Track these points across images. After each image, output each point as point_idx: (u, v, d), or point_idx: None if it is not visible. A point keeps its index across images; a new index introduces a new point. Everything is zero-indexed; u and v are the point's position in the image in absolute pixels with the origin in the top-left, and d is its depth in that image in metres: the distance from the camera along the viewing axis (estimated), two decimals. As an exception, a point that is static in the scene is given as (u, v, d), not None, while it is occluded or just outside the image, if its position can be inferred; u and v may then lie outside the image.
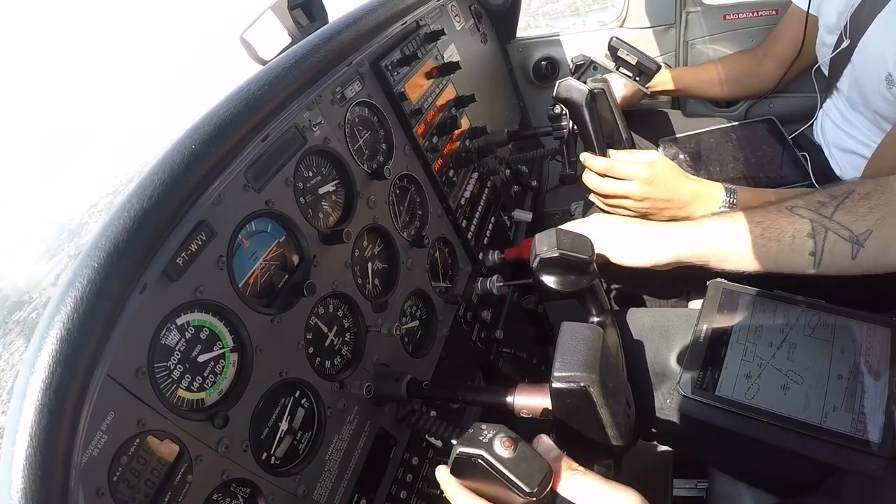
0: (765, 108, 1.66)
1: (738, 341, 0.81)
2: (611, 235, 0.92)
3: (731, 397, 0.76)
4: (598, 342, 0.63)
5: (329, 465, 0.76)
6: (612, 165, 1.09)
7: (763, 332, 0.82)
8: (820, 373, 0.76)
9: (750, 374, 0.78)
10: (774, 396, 0.75)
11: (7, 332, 10.42)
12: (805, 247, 0.83)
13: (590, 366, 0.61)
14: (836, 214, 0.82)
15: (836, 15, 1.20)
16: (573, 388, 0.60)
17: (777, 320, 0.82)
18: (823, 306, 0.83)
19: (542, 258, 0.76)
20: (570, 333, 0.65)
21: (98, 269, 0.53)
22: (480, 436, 0.51)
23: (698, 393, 0.77)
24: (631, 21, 1.74)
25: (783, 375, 0.77)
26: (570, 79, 1.06)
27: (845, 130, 1.26)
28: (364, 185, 0.90)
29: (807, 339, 0.80)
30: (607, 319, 0.84)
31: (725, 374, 0.78)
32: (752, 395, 0.76)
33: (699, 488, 1.19)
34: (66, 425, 0.48)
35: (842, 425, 0.71)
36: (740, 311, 0.85)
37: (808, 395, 0.74)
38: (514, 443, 0.49)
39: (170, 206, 0.59)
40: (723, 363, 0.79)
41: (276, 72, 0.76)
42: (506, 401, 0.73)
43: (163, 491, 0.57)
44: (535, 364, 1.27)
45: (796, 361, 0.78)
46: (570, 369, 0.61)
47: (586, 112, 1.04)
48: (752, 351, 0.80)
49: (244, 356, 0.68)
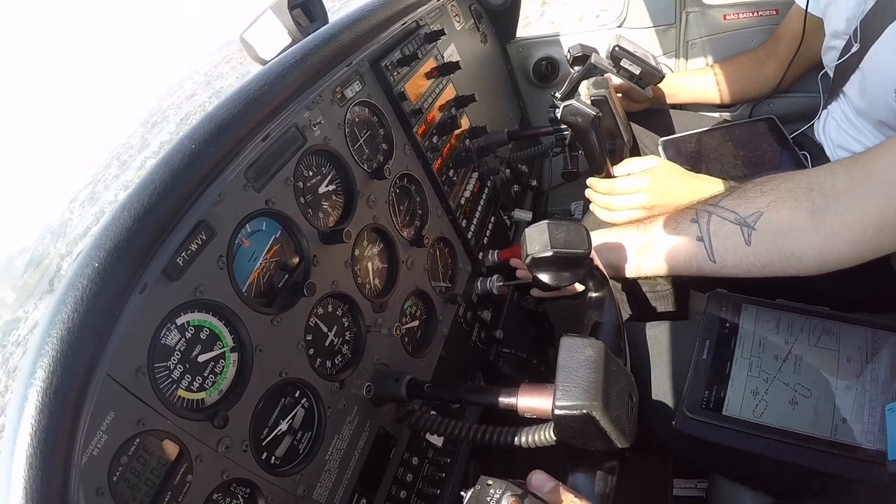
0: (765, 107, 1.66)
1: (743, 356, 0.78)
2: (608, 251, 0.96)
3: (738, 416, 0.73)
4: (599, 362, 0.62)
5: (329, 464, 0.76)
6: (613, 186, 1.12)
7: (768, 344, 0.79)
8: (828, 384, 0.74)
9: (757, 390, 0.75)
10: (783, 412, 0.73)
11: (7, 357, 10.25)
12: (690, 231, 0.85)
13: (592, 391, 0.59)
14: (724, 201, 0.84)
15: (845, 21, 1.19)
16: (576, 415, 0.59)
17: (781, 331, 0.80)
18: (827, 313, 0.81)
19: (534, 258, 0.72)
20: (571, 353, 0.63)
21: (98, 268, 0.53)
22: (487, 496, 0.51)
23: (704, 414, 0.74)
24: (631, 21, 1.74)
25: (791, 389, 0.74)
26: (574, 102, 1.05)
27: (850, 133, 1.26)
28: (364, 184, 0.90)
29: (812, 350, 0.77)
30: (607, 292, 0.82)
31: (732, 392, 0.75)
32: (761, 413, 0.73)
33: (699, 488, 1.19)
34: (66, 425, 0.48)
35: (852, 437, 0.69)
36: (743, 324, 0.82)
37: (817, 409, 0.72)
38: (521, 500, 0.50)
39: (170, 206, 0.59)
40: (728, 380, 0.76)
41: (276, 72, 0.76)
42: (509, 402, 0.72)
43: (163, 491, 0.57)
44: (535, 364, 1.27)
45: (803, 374, 0.75)
46: (572, 398, 0.59)
47: (592, 135, 1.04)
48: (758, 365, 0.77)
49: (244, 356, 0.68)
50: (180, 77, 25.53)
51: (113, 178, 19.32)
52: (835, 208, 0.74)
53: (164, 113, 23.42)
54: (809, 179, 0.78)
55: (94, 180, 14.59)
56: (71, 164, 17.49)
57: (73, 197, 14.98)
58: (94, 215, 17.03)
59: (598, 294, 0.83)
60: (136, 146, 21.10)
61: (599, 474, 0.66)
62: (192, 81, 23.47)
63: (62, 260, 14.26)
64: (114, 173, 19.55)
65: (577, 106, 1.03)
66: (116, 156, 20.62)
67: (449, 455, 0.96)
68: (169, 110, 22.70)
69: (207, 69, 20.80)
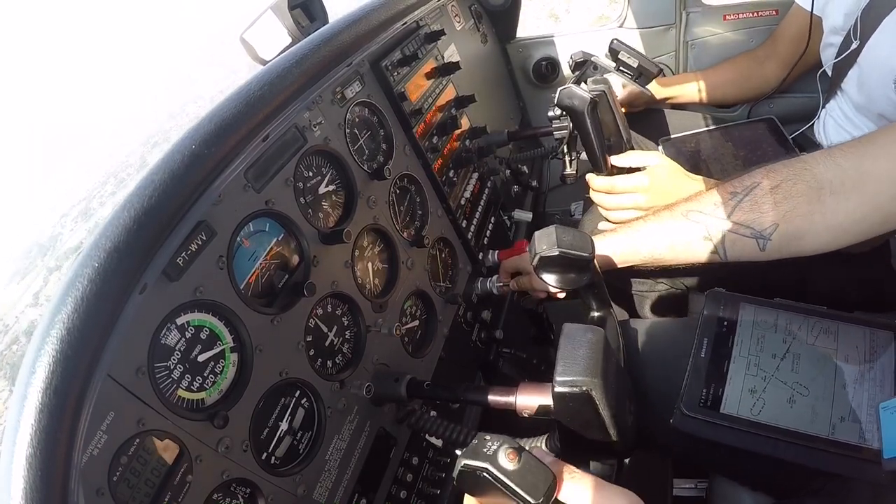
0: (765, 108, 1.66)
1: (741, 354, 0.79)
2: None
3: (736, 414, 0.73)
4: (599, 344, 0.63)
5: (329, 464, 0.76)
6: (612, 185, 1.12)
7: (766, 343, 0.79)
8: (826, 383, 0.74)
9: (755, 388, 0.75)
10: (781, 411, 0.73)
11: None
12: (705, 248, 0.85)
13: (592, 369, 0.60)
14: (735, 214, 0.83)
15: (843, 16, 1.19)
16: (576, 393, 0.60)
17: (779, 330, 0.80)
18: (825, 312, 0.81)
19: (541, 257, 0.75)
20: (572, 336, 0.64)
21: (98, 268, 0.53)
22: (484, 447, 0.51)
23: (703, 412, 0.75)
24: (631, 21, 1.74)
25: (789, 388, 0.75)
26: (571, 86, 1.05)
27: (848, 131, 1.26)
28: (364, 185, 0.90)
29: (810, 349, 0.78)
30: (608, 314, 0.83)
31: (730, 391, 0.75)
32: (759, 412, 0.73)
33: (699, 488, 1.19)
34: (66, 425, 0.48)
35: (850, 436, 0.69)
36: (741, 323, 0.82)
37: (815, 408, 0.72)
38: (518, 454, 0.49)
39: (170, 207, 0.59)
40: (726, 379, 0.77)
41: (276, 72, 0.76)
42: (507, 401, 0.73)
43: (163, 491, 0.57)
44: (535, 364, 1.27)
45: (801, 373, 0.76)
46: (572, 373, 0.60)
47: (588, 120, 1.04)
48: (756, 364, 0.77)
49: (244, 356, 0.68)
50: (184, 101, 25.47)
51: (109, 195, 19.19)
52: (845, 209, 0.75)
53: (165, 134, 23.32)
54: (818, 178, 0.77)
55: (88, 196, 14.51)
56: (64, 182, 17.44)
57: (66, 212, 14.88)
58: (87, 230, 16.97)
59: (599, 314, 0.84)
60: (135, 165, 21.01)
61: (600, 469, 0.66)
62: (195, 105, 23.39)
63: (50, 274, 14.16)
64: (110, 190, 19.43)
65: (574, 89, 1.03)
66: (114, 174, 20.52)
67: (449, 455, 0.96)
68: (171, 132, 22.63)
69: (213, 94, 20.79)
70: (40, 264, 12.85)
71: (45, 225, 14.64)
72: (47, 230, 14.49)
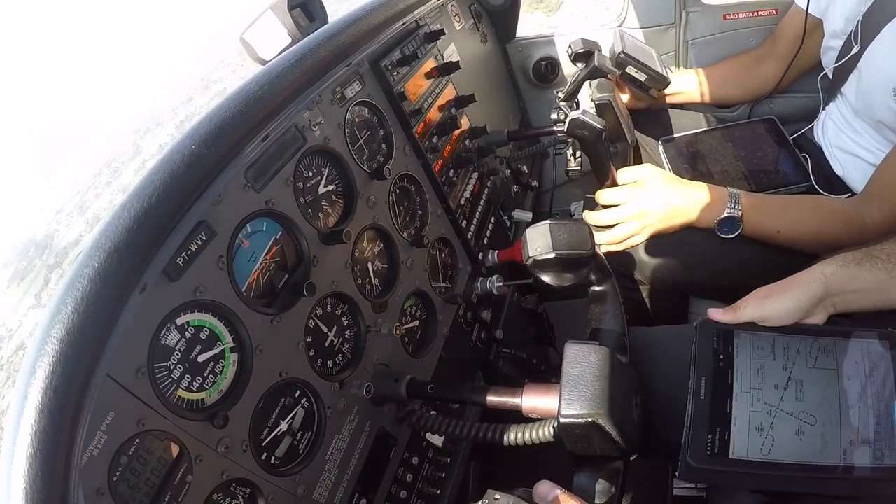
0: (766, 107, 1.66)
1: (743, 390, 0.73)
2: None
3: (746, 458, 0.68)
4: (604, 368, 0.62)
5: (329, 465, 0.76)
6: (598, 219, 1.18)
7: (766, 373, 0.74)
8: (831, 407, 0.70)
9: (762, 425, 0.70)
10: (791, 445, 0.69)
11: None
12: None
13: (598, 399, 0.59)
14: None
15: (844, 20, 1.19)
16: (582, 423, 0.59)
17: (778, 356, 0.76)
18: (820, 329, 0.77)
19: (535, 260, 0.71)
20: (575, 360, 0.62)
21: (98, 269, 0.53)
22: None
23: (711, 461, 0.69)
24: (631, 21, 1.74)
25: (796, 420, 0.70)
26: (580, 114, 1.03)
27: (847, 134, 1.26)
28: (364, 184, 0.90)
29: (812, 372, 0.73)
30: (610, 286, 0.80)
31: (736, 433, 0.70)
32: (768, 450, 0.69)
33: (699, 488, 1.19)
34: (66, 425, 0.48)
35: (861, 459, 0.67)
36: (737, 353, 0.76)
37: (824, 436, 0.69)
38: None
39: (170, 206, 0.59)
40: (731, 420, 0.71)
41: (276, 72, 0.76)
42: (513, 402, 0.71)
43: (163, 491, 0.57)
44: (535, 364, 1.27)
45: (806, 400, 0.71)
46: (578, 406, 0.59)
47: (599, 147, 1.04)
48: (759, 398, 0.72)
49: (244, 356, 0.68)
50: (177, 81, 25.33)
51: (104, 185, 18.98)
52: None
53: (158, 119, 23.14)
54: None
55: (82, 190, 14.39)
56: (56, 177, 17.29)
57: (60, 207, 14.77)
58: (85, 222, 16.78)
59: (601, 288, 0.81)
60: (128, 153, 20.79)
61: (604, 476, 0.65)
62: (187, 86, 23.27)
63: (50, 272, 13.98)
64: (105, 181, 19.21)
65: (584, 119, 1.01)
66: (107, 163, 20.27)
67: (449, 455, 0.96)
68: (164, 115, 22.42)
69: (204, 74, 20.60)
70: (39, 263, 12.74)
71: (39, 223, 14.50)
72: (42, 228, 14.36)
